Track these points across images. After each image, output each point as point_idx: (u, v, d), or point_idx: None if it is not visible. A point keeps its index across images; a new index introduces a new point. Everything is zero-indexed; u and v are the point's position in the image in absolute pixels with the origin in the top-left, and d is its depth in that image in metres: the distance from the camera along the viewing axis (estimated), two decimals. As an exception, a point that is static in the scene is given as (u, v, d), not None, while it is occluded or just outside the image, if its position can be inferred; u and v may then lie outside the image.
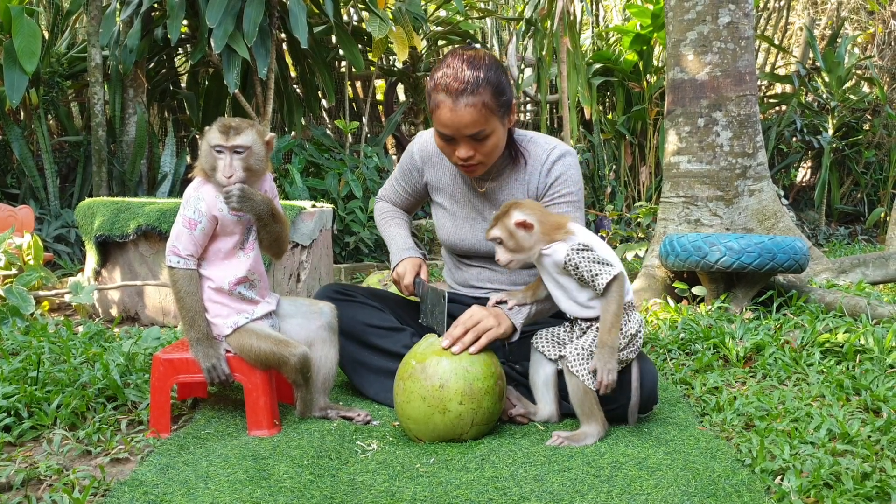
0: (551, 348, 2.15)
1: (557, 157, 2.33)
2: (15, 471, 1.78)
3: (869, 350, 2.67)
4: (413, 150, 2.51)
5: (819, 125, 8.18)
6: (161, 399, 2.11)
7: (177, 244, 2.08)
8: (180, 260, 2.08)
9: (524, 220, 2.03)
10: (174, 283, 2.09)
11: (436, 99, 2.15)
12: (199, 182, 2.12)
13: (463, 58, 2.16)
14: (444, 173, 2.46)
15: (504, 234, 2.05)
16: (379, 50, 6.43)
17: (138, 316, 3.76)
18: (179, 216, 2.09)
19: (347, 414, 2.22)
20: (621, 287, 2.01)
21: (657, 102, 7.75)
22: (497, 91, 2.15)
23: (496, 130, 2.19)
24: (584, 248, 2.00)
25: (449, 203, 2.47)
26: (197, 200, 2.07)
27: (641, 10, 7.53)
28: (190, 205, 2.07)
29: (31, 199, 5.82)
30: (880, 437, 1.93)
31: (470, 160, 2.21)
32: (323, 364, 2.24)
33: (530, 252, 2.05)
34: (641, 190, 8.13)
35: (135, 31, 5.74)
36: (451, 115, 2.12)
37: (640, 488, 1.67)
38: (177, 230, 2.09)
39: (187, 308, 2.08)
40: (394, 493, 1.69)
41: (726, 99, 4.02)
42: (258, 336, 2.10)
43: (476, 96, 2.11)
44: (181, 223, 2.08)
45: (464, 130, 2.14)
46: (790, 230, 4.04)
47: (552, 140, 2.39)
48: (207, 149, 2.05)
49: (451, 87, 2.11)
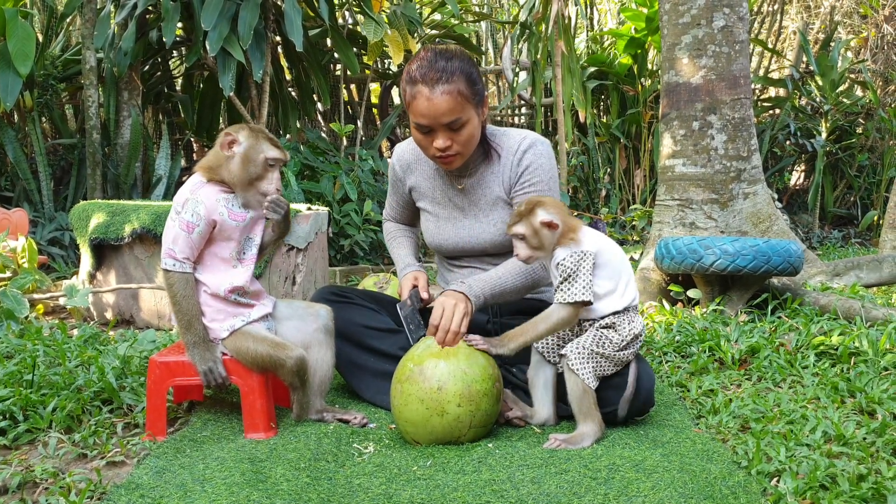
0: (552, 350, 2.15)
1: (527, 147, 2.37)
2: (11, 474, 1.77)
3: (863, 352, 2.68)
4: (393, 163, 2.59)
5: (813, 129, 8.21)
6: (157, 402, 2.11)
7: (173, 247, 2.06)
8: (176, 263, 2.07)
9: (551, 220, 2.03)
10: (170, 287, 2.08)
11: (412, 91, 2.20)
12: (197, 183, 2.11)
13: (435, 51, 2.24)
14: (423, 177, 2.52)
15: (529, 231, 2.05)
16: (374, 53, 6.44)
17: (133, 319, 3.75)
18: (175, 219, 2.07)
19: (344, 417, 2.22)
20: (576, 313, 2.03)
21: (651, 106, 7.77)
22: (470, 80, 2.22)
23: (472, 119, 2.25)
24: (582, 257, 2.01)
25: (431, 206, 2.51)
26: (195, 203, 2.06)
27: (636, 14, 7.56)
28: (188, 207, 2.06)
29: (26, 201, 5.80)
30: (875, 439, 1.94)
31: (447, 150, 2.25)
32: (319, 367, 2.24)
33: (548, 251, 2.07)
34: (636, 193, 8.14)
35: (129, 34, 5.73)
36: (428, 103, 2.17)
37: (636, 490, 1.67)
38: (173, 233, 2.07)
39: (184, 311, 2.07)
40: (391, 496, 1.69)
41: (721, 102, 4.03)
42: (254, 339, 2.10)
43: (451, 84, 2.17)
44: (178, 226, 2.06)
45: (441, 119, 2.19)
46: (785, 233, 4.06)
47: (523, 132, 2.43)
48: (254, 159, 2.08)
49: (428, 77, 2.17)
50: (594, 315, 2.09)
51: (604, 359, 2.06)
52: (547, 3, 6.55)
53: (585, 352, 2.04)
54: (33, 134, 5.84)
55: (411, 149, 2.53)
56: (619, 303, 2.08)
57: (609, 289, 2.07)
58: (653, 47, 7.81)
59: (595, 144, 8.08)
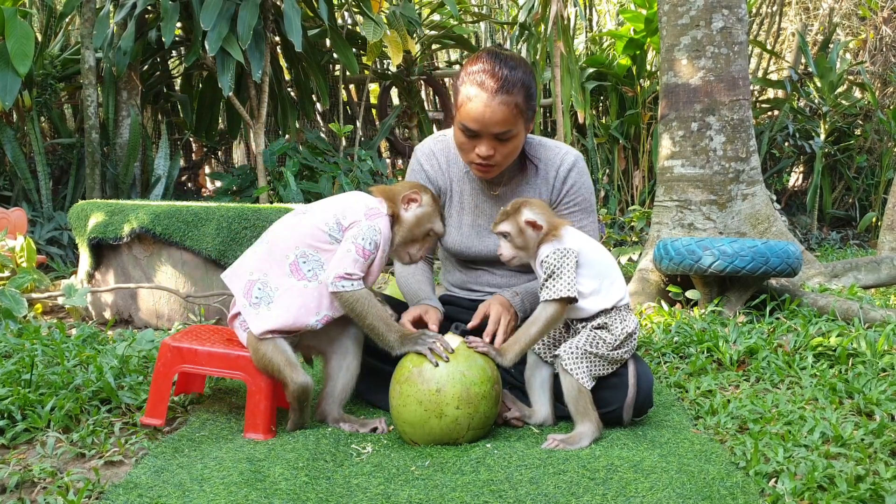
0: (547, 350, 2.16)
1: (570, 166, 2.36)
2: (9, 473, 1.77)
3: (861, 353, 2.69)
4: (420, 161, 2.47)
5: (811, 130, 8.22)
6: (162, 386, 2.11)
7: (351, 272, 2.03)
8: (353, 283, 2.03)
9: (535, 220, 2.06)
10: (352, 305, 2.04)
11: (467, 92, 2.14)
12: (377, 211, 2.09)
13: (500, 56, 2.16)
14: (452, 179, 2.44)
15: (514, 229, 2.08)
16: (373, 53, 6.44)
17: (132, 319, 3.75)
18: (350, 243, 2.04)
19: (362, 429, 2.17)
20: (562, 309, 2.04)
21: (650, 107, 7.77)
22: (529, 94, 2.17)
23: (520, 133, 2.20)
24: (564, 254, 2.02)
25: (456, 211, 2.44)
26: (375, 233, 2.05)
27: (635, 15, 7.56)
28: (367, 236, 2.04)
29: (24, 201, 5.80)
30: (873, 440, 1.95)
31: (489, 159, 2.20)
32: (342, 375, 2.20)
33: (531, 251, 2.09)
34: (635, 194, 8.15)
35: (128, 34, 5.73)
36: (484, 109, 2.11)
37: (634, 491, 1.67)
38: (351, 258, 2.03)
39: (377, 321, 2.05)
40: (389, 496, 1.69)
41: (720, 103, 4.03)
42: (275, 348, 2.07)
43: (511, 96, 2.12)
44: (355, 252, 2.03)
45: (492, 128, 2.14)
46: (783, 234, 4.06)
47: (561, 146, 2.41)
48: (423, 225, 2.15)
49: (487, 83, 2.11)
50: (583, 315, 2.09)
51: (598, 359, 2.07)
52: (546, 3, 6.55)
53: (579, 352, 2.05)
54: (32, 133, 5.83)
55: (441, 149, 2.44)
56: (606, 301, 2.08)
57: (594, 288, 2.08)
58: (652, 48, 7.81)
59: (594, 145, 8.08)
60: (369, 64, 6.99)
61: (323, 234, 2.07)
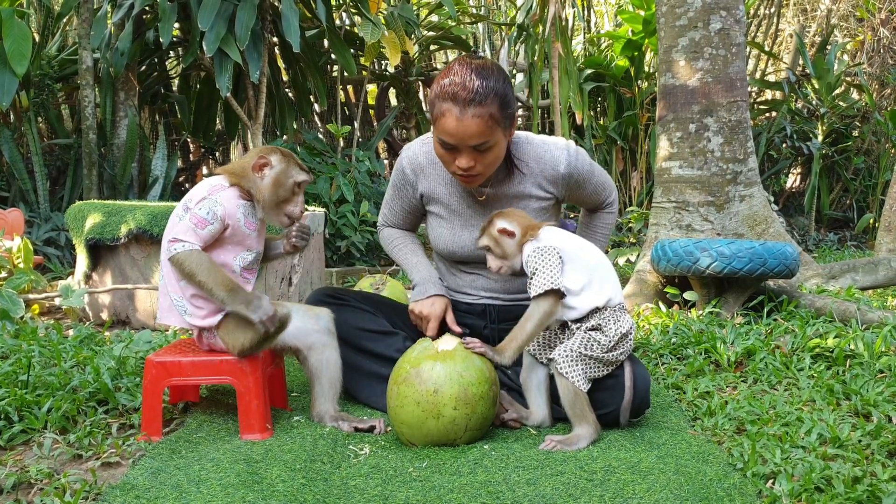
0: (543, 351, 2.16)
1: (567, 159, 2.33)
2: (5, 474, 1.76)
3: (859, 355, 2.69)
4: (403, 166, 2.46)
5: (809, 131, 8.23)
6: (153, 402, 2.10)
7: (181, 237, 2.03)
8: (183, 245, 2.02)
9: (506, 227, 2.11)
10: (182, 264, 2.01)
11: (441, 107, 2.10)
12: (218, 185, 2.10)
13: (471, 66, 2.12)
14: (439, 183, 2.42)
15: (491, 242, 2.14)
16: (371, 54, 6.44)
17: (129, 319, 3.74)
18: (184, 215, 2.05)
19: (361, 426, 2.18)
20: (553, 302, 2.05)
21: (648, 108, 7.78)
22: (504, 103, 2.12)
23: (499, 142, 2.17)
24: (543, 251, 2.05)
25: (446, 212, 2.43)
26: (213, 203, 2.05)
27: (633, 16, 7.56)
28: (203, 206, 2.05)
29: (21, 201, 5.79)
30: (871, 442, 1.95)
31: (470, 170, 2.18)
32: (326, 368, 2.21)
33: (515, 258, 2.13)
34: (633, 195, 8.15)
35: (126, 34, 5.73)
36: (457, 124, 2.08)
37: (632, 492, 1.67)
38: (183, 226, 2.04)
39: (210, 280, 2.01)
40: (386, 497, 1.69)
41: (717, 105, 4.04)
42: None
43: (483, 107, 2.08)
44: (189, 220, 2.04)
45: (468, 141, 2.11)
46: (781, 236, 4.07)
47: (548, 141, 2.37)
48: (284, 182, 2.11)
49: (459, 96, 2.07)
50: (576, 314, 2.09)
51: (593, 361, 2.07)
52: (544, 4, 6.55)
53: (574, 354, 2.05)
54: (29, 134, 5.83)
55: (424, 151, 2.42)
56: (599, 298, 2.08)
57: (583, 282, 2.07)
58: (650, 50, 7.82)
59: (592, 146, 8.08)
60: (367, 65, 7.00)
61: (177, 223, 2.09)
